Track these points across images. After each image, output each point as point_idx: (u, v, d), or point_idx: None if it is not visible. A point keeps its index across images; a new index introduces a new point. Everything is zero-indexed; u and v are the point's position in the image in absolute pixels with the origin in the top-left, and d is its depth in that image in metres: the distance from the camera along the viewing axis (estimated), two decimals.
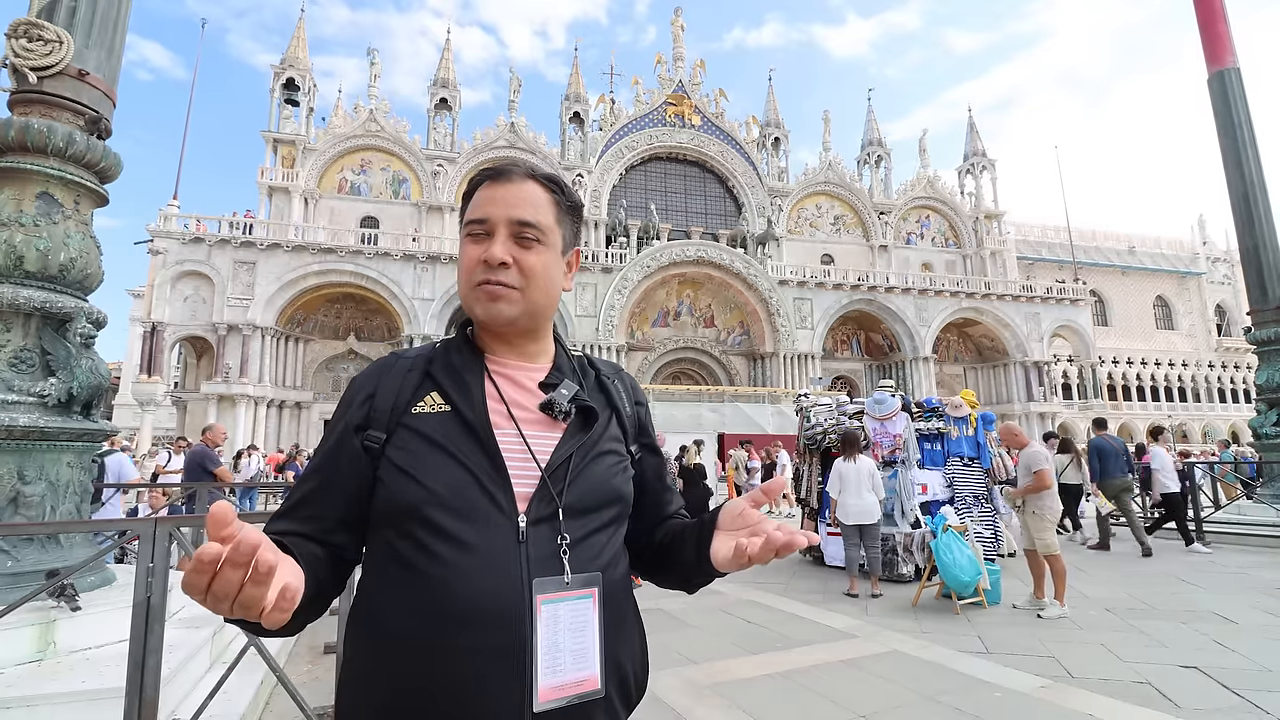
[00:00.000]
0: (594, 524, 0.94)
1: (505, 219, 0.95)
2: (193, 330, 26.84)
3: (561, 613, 0.86)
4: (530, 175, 0.99)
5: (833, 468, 7.30)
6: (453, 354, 0.99)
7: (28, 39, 3.36)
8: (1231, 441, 29.46)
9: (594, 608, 0.89)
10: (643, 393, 1.16)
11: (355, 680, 0.88)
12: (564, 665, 0.85)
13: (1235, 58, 10.80)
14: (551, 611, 0.85)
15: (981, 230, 40.52)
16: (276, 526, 0.91)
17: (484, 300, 0.94)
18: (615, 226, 34.88)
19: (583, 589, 0.89)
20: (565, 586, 0.87)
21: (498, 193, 0.97)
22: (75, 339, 3.47)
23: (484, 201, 0.97)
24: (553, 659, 0.84)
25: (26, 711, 2.56)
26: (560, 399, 0.95)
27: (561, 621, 0.86)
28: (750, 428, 24.84)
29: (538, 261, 0.96)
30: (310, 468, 0.97)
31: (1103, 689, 3.93)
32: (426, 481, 0.87)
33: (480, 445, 0.90)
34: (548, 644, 0.84)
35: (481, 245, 0.95)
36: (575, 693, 0.85)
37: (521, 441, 0.93)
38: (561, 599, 0.86)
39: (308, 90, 32.78)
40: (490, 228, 0.96)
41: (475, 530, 0.86)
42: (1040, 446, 6.51)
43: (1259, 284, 10.44)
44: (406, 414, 0.93)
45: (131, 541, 5.00)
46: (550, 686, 0.83)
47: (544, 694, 0.83)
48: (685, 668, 4.45)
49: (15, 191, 3.40)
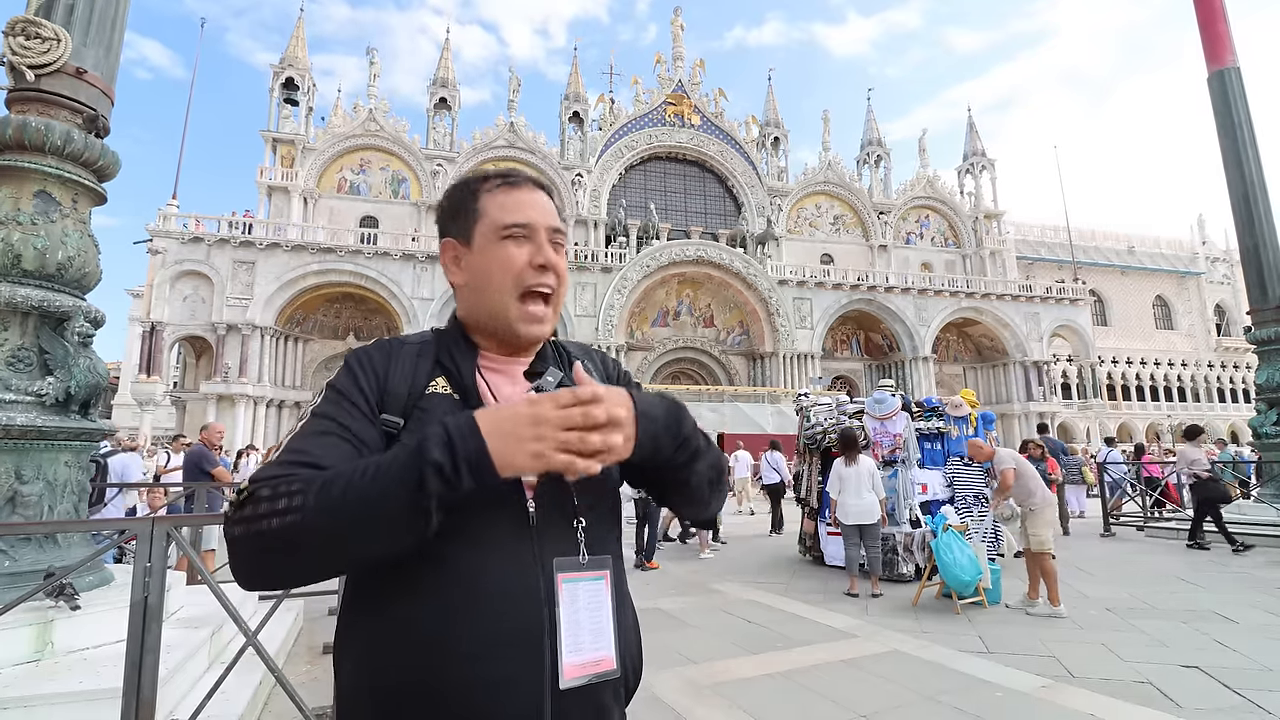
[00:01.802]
0: (597, 506, 0.96)
1: (545, 225, 0.98)
2: (192, 330, 26.82)
3: (580, 592, 0.88)
4: (538, 184, 1.03)
5: (832, 468, 7.30)
6: (451, 345, 1.00)
7: (25, 36, 3.35)
8: (1229, 441, 29.47)
9: (607, 588, 0.91)
10: (615, 362, 1.15)
11: (359, 671, 0.86)
12: (584, 643, 0.86)
13: (1235, 57, 10.80)
14: (571, 590, 0.87)
15: (981, 230, 40.53)
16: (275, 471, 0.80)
17: (529, 321, 0.97)
18: (615, 226, 34.87)
19: (596, 570, 0.91)
20: (581, 567, 0.89)
21: (526, 198, 0.99)
22: (73, 338, 3.45)
23: (522, 205, 0.98)
24: (574, 637, 0.86)
25: (24, 712, 2.55)
26: (547, 386, 0.96)
27: (580, 600, 0.88)
28: (750, 427, 24.88)
29: (565, 265, 1.01)
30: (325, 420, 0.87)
31: (1104, 689, 3.93)
32: None
33: None
34: (569, 621, 0.86)
35: (524, 248, 0.97)
36: (594, 671, 0.86)
37: None
38: (579, 578, 0.89)
39: (307, 90, 32.77)
40: (531, 232, 0.97)
41: (485, 517, 0.86)
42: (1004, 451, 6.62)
43: (1259, 284, 10.43)
44: (422, 398, 0.93)
45: (129, 541, 4.99)
46: (573, 664, 0.84)
47: (568, 671, 0.84)
48: (685, 668, 4.44)
49: (13, 190, 3.39)
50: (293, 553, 0.75)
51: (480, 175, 1.03)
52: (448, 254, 1.02)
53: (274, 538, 0.74)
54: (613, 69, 40.15)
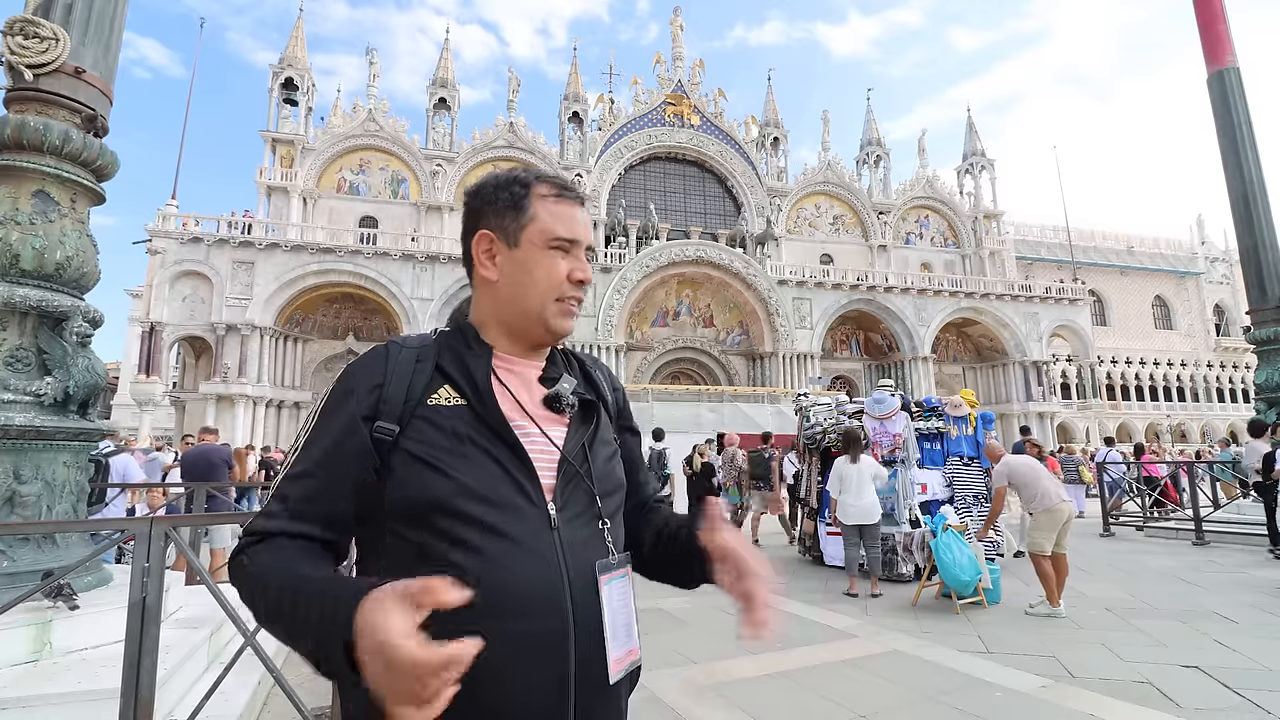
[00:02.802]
0: (614, 508, 1.00)
1: (587, 243, 1.04)
2: (191, 330, 26.79)
3: (614, 590, 0.93)
4: (582, 200, 1.07)
5: (833, 467, 7.28)
6: (459, 348, 0.98)
7: (24, 36, 3.34)
8: (1231, 441, 29.47)
9: (630, 582, 0.97)
10: (617, 379, 1.20)
11: None
12: (620, 639, 0.91)
13: (1235, 57, 10.80)
14: (609, 589, 0.92)
15: (980, 230, 40.54)
16: (269, 525, 0.86)
17: (563, 316, 1.01)
18: (614, 226, 34.87)
19: (623, 567, 0.97)
20: (613, 566, 0.94)
21: (578, 214, 1.03)
22: (71, 338, 3.45)
23: (571, 220, 1.01)
24: (613, 633, 0.90)
25: (22, 712, 2.54)
26: (565, 392, 0.99)
27: (615, 598, 0.92)
28: (749, 427, 24.78)
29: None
30: (307, 461, 0.90)
31: (1104, 689, 3.92)
32: (456, 475, 0.87)
33: (501, 439, 0.91)
34: (610, 620, 0.90)
35: (568, 261, 1.01)
36: (629, 662, 0.92)
37: (540, 434, 0.96)
38: (614, 577, 0.93)
39: (306, 90, 32.75)
40: (576, 250, 1.02)
41: (508, 521, 0.87)
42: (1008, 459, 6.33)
43: (1258, 284, 10.43)
44: (421, 405, 0.91)
45: (129, 541, 4.98)
46: (616, 660, 0.89)
47: (614, 666, 0.89)
48: (685, 668, 4.44)
49: (11, 189, 3.38)
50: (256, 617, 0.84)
51: (535, 175, 1.03)
52: (483, 246, 1.01)
53: (246, 601, 0.84)
54: (612, 69, 40.20)
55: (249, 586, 0.83)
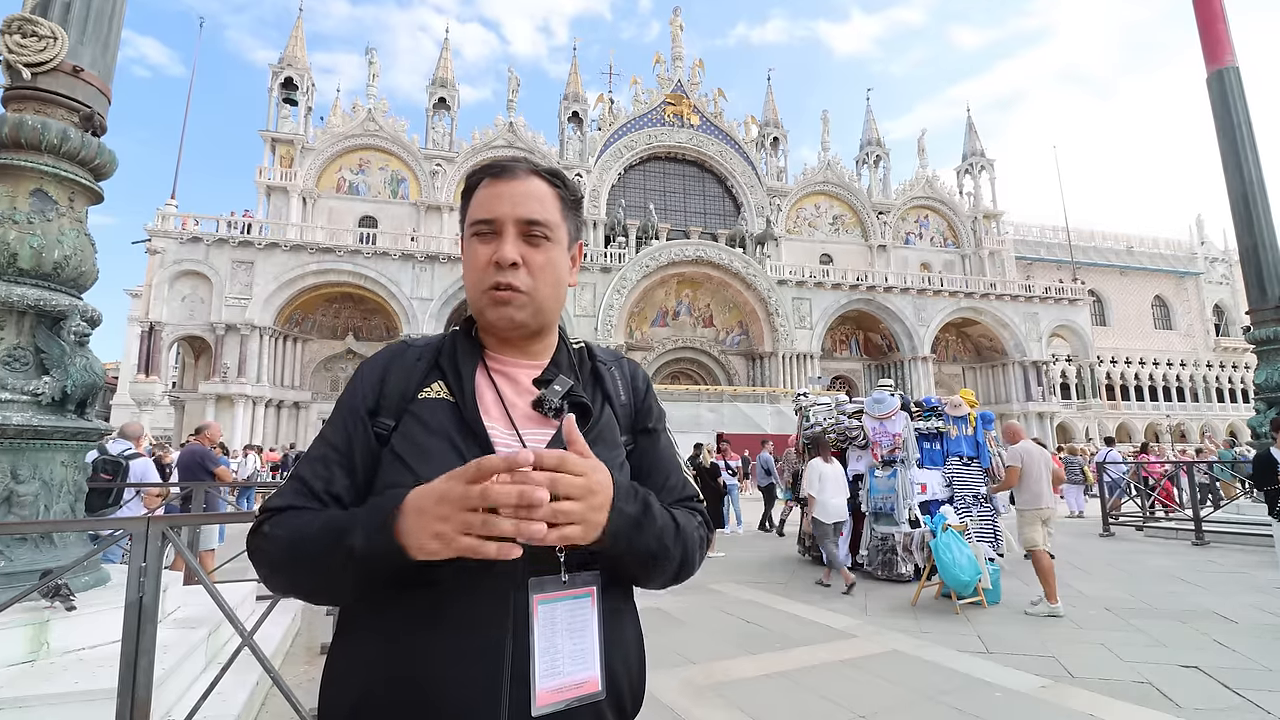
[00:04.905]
0: None
1: (513, 217, 0.93)
2: (191, 330, 26.80)
3: (559, 613, 0.84)
4: (533, 171, 0.98)
5: (809, 467, 7.56)
6: (457, 346, 0.98)
7: (22, 35, 3.33)
8: (1232, 441, 29.47)
9: (593, 607, 0.86)
10: (645, 376, 1.11)
11: (334, 679, 0.86)
12: (562, 667, 0.82)
13: (1234, 57, 10.79)
14: (548, 612, 0.83)
15: (980, 230, 40.56)
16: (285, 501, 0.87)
17: (494, 305, 0.93)
18: (614, 226, 34.88)
19: (581, 588, 0.86)
20: (563, 585, 0.84)
21: (503, 190, 0.95)
22: (69, 337, 3.44)
23: (489, 199, 0.95)
24: (550, 661, 0.81)
25: (19, 712, 2.54)
26: (552, 396, 0.93)
27: (559, 622, 0.83)
28: (749, 427, 24.87)
29: (546, 259, 0.95)
30: (323, 446, 0.91)
31: (1103, 689, 3.92)
32: (419, 469, 0.85)
33: (475, 437, 0.88)
34: (544, 646, 0.81)
35: (490, 245, 0.94)
36: (575, 695, 0.82)
37: (517, 438, 0.91)
38: (559, 599, 0.84)
39: (306, 89, 32.76)
40: (498, 226, 0.94)
41: None
42: (1027, 445, 6.42)
43: (1258, 284, 10.42)
44: (413, 401, 0.92)
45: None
46: (547, 690, 0.80)
47: (542, 697, 0.80)
48: (685, 668, 4.43)
49: (9, 188, 3.37)
50: (282, 584, 0.86)
51: (478, 168, 1.00)
52: (461, 245, 1.02)
53: (269, 568, 0.85)
54: (612, 69, 40.23)
55: (276, 541, 0.84)
